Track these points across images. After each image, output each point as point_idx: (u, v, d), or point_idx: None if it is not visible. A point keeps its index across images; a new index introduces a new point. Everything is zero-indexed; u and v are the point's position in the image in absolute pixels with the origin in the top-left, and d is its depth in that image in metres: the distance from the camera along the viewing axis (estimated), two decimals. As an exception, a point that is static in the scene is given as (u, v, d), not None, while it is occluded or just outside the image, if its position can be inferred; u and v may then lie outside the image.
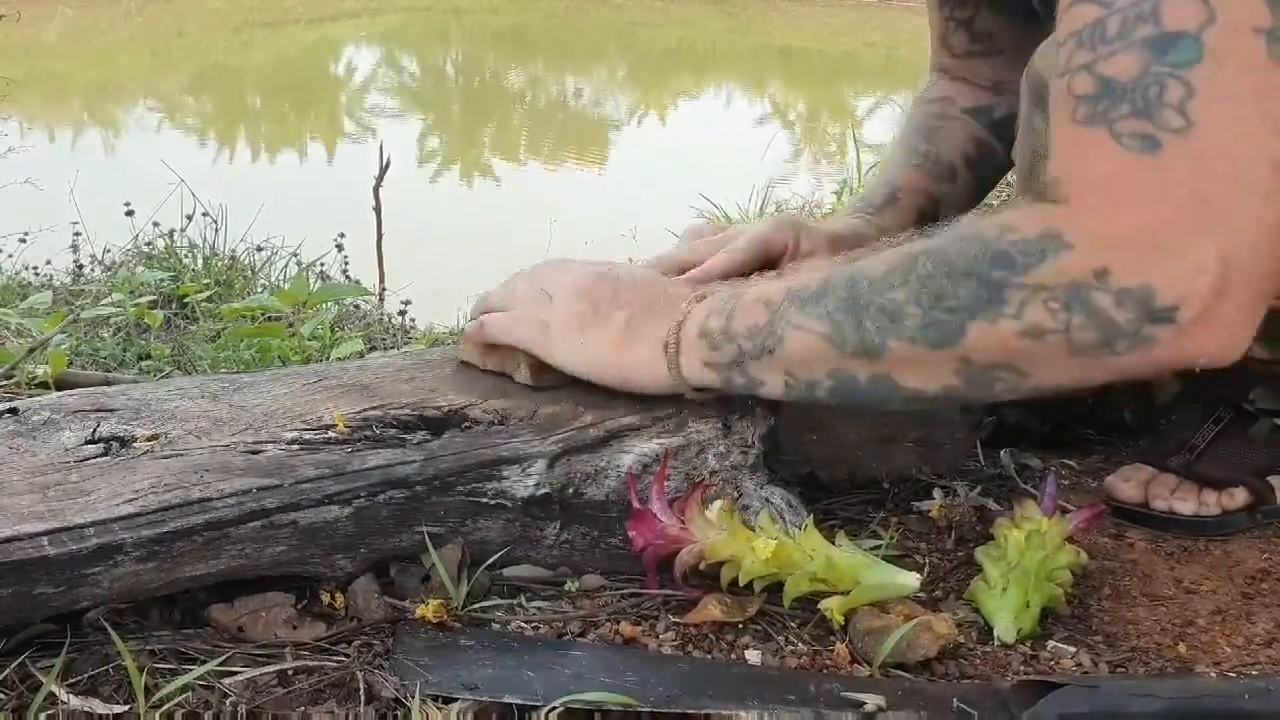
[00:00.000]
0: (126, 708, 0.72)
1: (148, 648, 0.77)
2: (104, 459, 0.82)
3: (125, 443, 0.84)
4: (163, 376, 1.52)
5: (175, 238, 2.47)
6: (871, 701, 0.75)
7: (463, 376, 0.97)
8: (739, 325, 0.84)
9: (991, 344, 0.75)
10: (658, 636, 0.83)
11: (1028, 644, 0.85)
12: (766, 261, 1.07)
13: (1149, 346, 0.71)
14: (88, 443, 0.84)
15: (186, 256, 2.43)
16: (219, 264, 2.41)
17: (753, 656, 0.82)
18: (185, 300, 1.99)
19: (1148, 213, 0.70)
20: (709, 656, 0.82)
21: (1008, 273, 0.73)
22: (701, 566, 0.85)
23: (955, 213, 1.25)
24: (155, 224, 2.49)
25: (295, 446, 0.85)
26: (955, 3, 1.27)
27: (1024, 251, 0.73)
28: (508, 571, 0.89)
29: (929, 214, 1.21)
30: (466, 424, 0.89)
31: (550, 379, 0.93)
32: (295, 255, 2.56)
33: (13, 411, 0.87)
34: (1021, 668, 0.83)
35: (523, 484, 0.86)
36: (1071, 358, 0.73)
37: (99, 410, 0.88)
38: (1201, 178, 0.69)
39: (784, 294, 0.83)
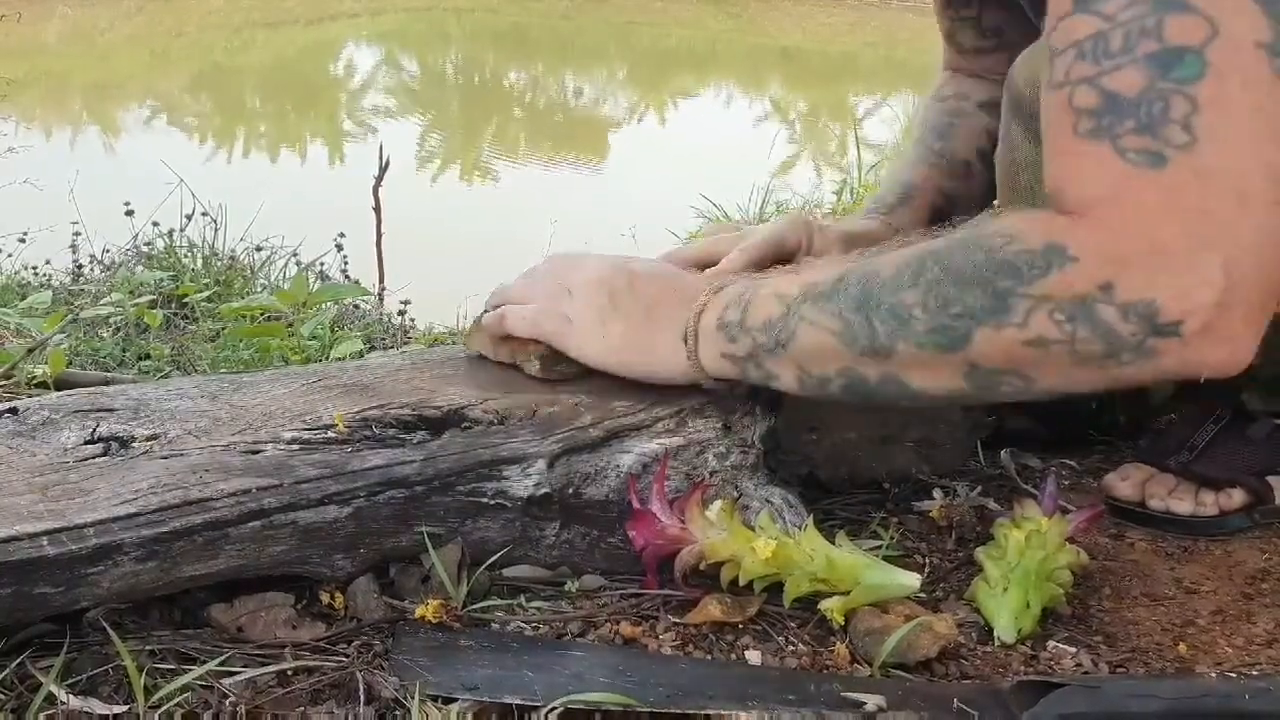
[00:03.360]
0: (126, 708, 0.72)
1: (147, 648, 0.77)
2: (104, 459, 0.82)
3: (125, 443, 0.84)
4: (162, 376, 1.52)
5: (175, 237, 2.47)
6: (872, 702, 0.75)
7: (463, 375, 0.97)
8: (754, 318, 0.85)
9: (997, 350, 0.75)
10: (658, 636, 0.83)
11: (1028, 644, 0.85)
12: (780, 259, 1.08)
13: (1153, 358, 0.72)
14: (87, 443, 0.84)
15: (186, 256, 2.43)
16: (219, 264, 2.41)
17: (753, 656, 0.82)
18: (185, 300, 1.99)
19: (1152, 227, 0.70)
20: (709, 656, 0.82)
21: (1014, 283, 0.74)
22: (701, 566, 0.85)
23: (970, 208, 1.26)
24: (155, 224, 2.49)
25: (295, 446, 0.85)
26: (959, 1, 1.27)
27: (1029, 263, 0.73)
28: (508, 571, 0.89)
29: (943, 211, 1.22)
30: (466, 424, 0.89)
31: (563, 371, 0.94)
32: (295, 255, 2.56)
33: (12, 411, 0.87)
34: (1022, 668, 0.83)
35: (523, 484, 0.86)
36: (1076, 366, 0.74)
37: (99, 410, 0.88)
38: (1206, 192, 0.70)
39: (799, 289, 0.84)
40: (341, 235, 2.47)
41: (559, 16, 11.59)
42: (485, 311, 1.00)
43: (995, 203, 1.14)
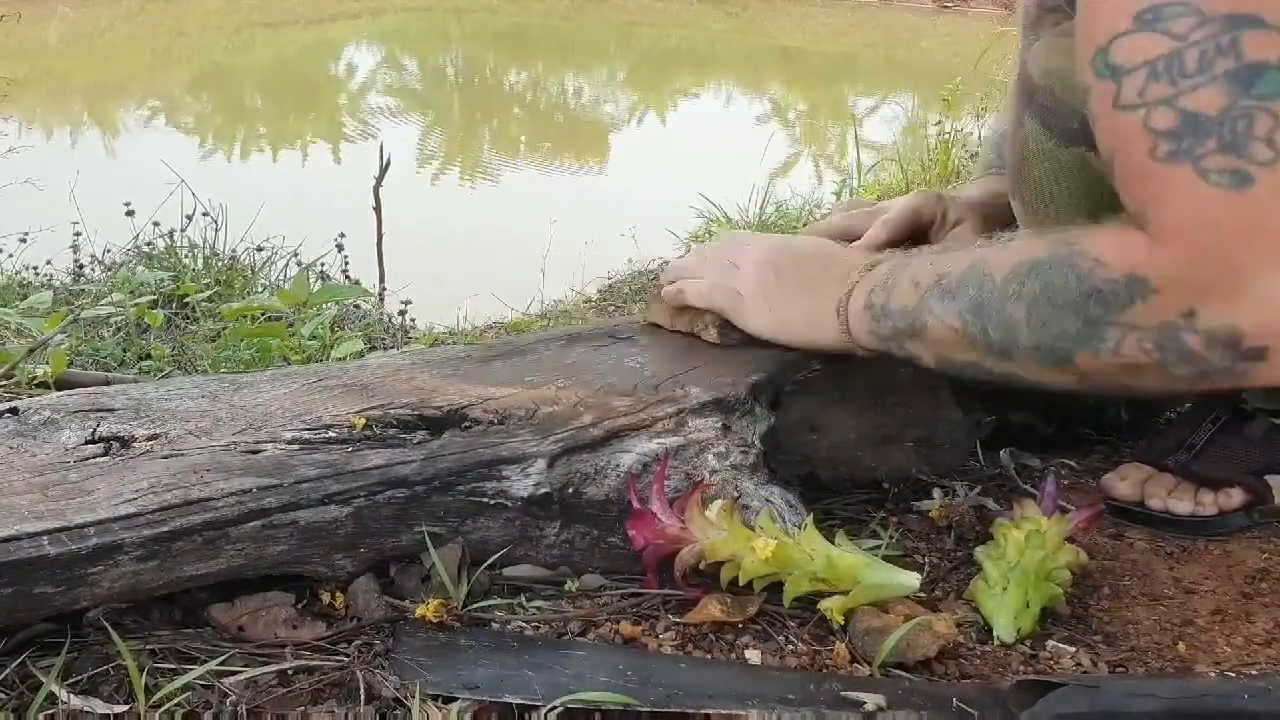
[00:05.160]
0: (126, 707, 0.72)
1: (148, 647, 0.77)
2: (104, 459, 0.82)
3: (125, 443, 0.84)
4: (163, 376, 1.52)
5: (175, 238, 2.47)
6: (871, 701, 0.75)
7: (463, 375, 0.97)
8: (895, 304, 0.90)
9: (1099, 368, 0.78)
10: (658, 636, 0.83)
11: (1027, 644, 0.85)
12: (917, 232, 1.14)
13: (1245, 379, 0.73)
14: (88, 442, 0.84)
15: (187, 256, 2.43)
16: (219, 264, 2.41)
17: (753, 656, 0.82)
18: (185, 300, 1.99)
19: (1235, 251, 0.70)
20: (709, 656, 0.82)
21: (1102, 311, 0.76)
22: (701, 566, 0.86)
23: None
24: (155, 224, 2.49)
25: (295, 446, 0.85)
26: None
27: (1114, 292, 0.75)
28: (508, 571, 0.89)
29: None
30: (466, 424, 0.89)
31: (735, 338, 1.03)
32: (295, 255, 2.56)
33: (13, 411, 0.88)
34: (1021, 667, 0.83)
35: (523, 484, 0.86)
36: (1174, 382, 0.76)
37: (99, 410, 0.88)
38: None
39: (931, 279, 0.88)
40: (342, 235, 2.47)
41: (559, 16, 11.59)
42: (661, 286, 1.09)
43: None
